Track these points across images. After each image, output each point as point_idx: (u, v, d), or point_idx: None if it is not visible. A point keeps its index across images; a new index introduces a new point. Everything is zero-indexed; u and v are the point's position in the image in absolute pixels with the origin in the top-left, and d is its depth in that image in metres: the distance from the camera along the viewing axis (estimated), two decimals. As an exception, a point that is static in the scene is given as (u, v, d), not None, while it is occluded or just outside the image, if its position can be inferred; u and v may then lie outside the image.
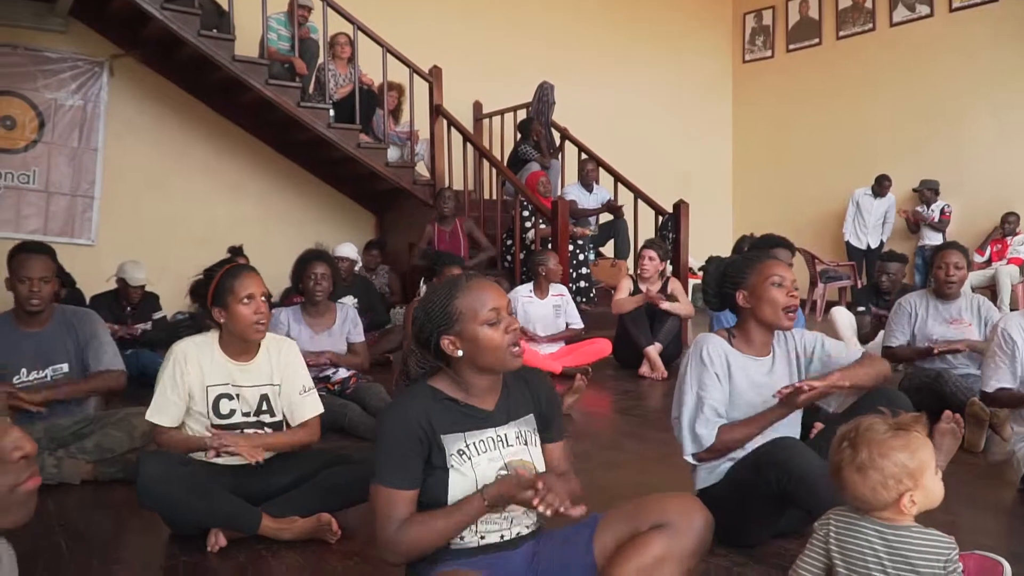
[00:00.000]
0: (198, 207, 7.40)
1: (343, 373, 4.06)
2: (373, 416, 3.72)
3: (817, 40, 10.09)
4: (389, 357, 5.65)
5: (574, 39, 9.37)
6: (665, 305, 5.39)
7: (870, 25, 9.57)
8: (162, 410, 2.41)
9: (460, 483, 1.60)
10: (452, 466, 1.59)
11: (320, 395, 2.69)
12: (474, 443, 1.63)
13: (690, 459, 2.28)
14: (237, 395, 2.48)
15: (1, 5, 6.60)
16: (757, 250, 2.42)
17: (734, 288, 2.31)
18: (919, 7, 9.11)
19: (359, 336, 4.18)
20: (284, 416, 2.57)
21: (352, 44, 6.90)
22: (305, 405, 2.58)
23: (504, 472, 1.63)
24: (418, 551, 1.59)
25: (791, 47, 10.37)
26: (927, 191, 8.64)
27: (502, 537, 1.65)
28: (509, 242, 6.98)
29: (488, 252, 6.87)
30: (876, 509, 1.48)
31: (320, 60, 6.98)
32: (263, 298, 2.46)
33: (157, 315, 5.72)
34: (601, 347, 5.47)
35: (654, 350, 5.32)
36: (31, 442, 0.93)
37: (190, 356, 2.43)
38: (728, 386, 2.25)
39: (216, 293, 2.43)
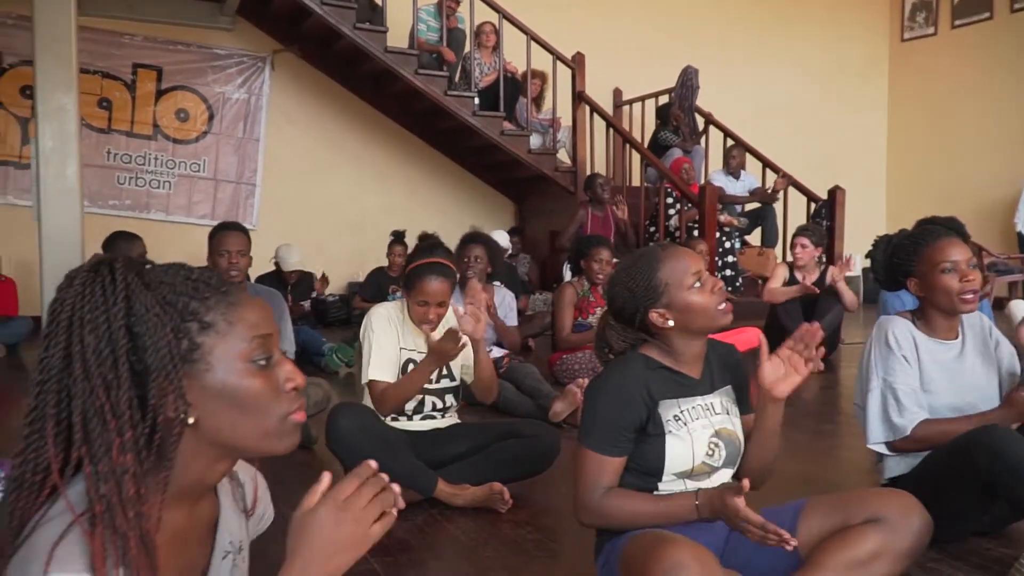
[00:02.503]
0: (350, 194, 7.73)
1: (496, 353, 4.12)
2: (527, 396, 3.76)
3: (988, 14, 9.33)
4: (530, 343, 5.69)
5: (718, 21, 9.11)
6: (841, 286, 5.15)
7: (1051, -5, 8.78)
8: (382, 367, 2.51)
9: (677, 448, 1.60)
10: (670, 431, 1.60)
11: None
12: (687, 409, 1.64)
13: (880, 448, 2.15)
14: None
15: (176, 6, 7.11)
16: (924, 229, 2.26)
17: (904, 277, 2.21)
18: (1110, -26, 8.28)
19: (513, 319, 4.26)
20: (462, 379, 2.67)
21: (497, 33, 7.00)
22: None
23: (716, 440, 1.63)
24: (613, 522, 1.60)
25: (957, 23, 9.65)
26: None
27: None
28: (652, 229, 6.88)
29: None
30: None
31: (466, 49, 7.12)
32: (439, 306, 2.51)
33: (314, 295, 6.03)
34: (751, 336, 5.21)
35: (809, 341, 5.08)
36: (301, 375, 0.97)
37: (392, 319, 2.57)
38: (918, 370, 2.13)
39: (407, 279, 2.55)
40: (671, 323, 1.61)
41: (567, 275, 5.69)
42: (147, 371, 0.87)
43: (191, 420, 0.90)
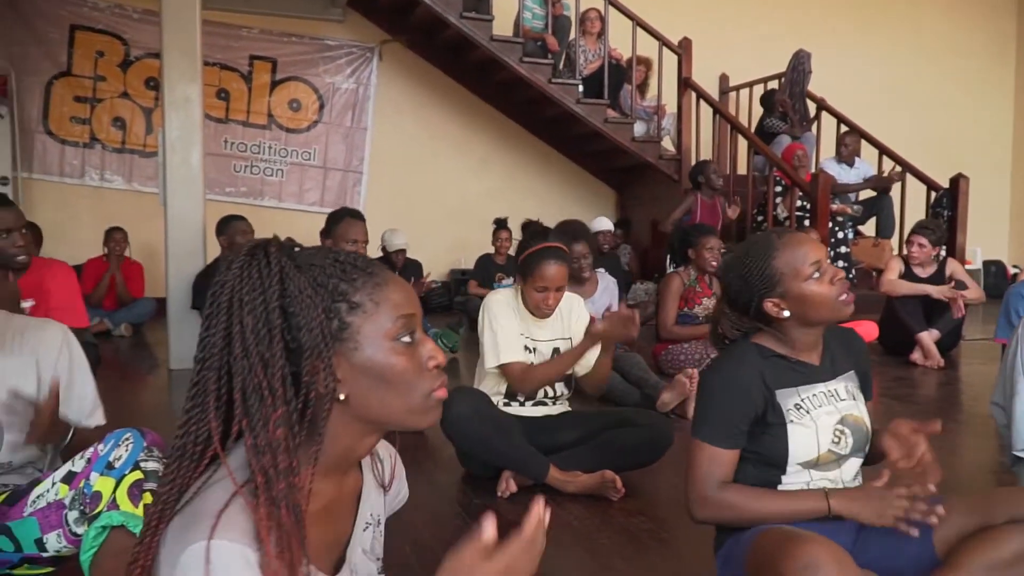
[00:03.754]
0: (451, 181, 7.82)
1: (601, 342, 4.10)
2: (634, 386, 3.72)
3: None
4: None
5: (830, 1, 8.74)
6: (960, 300, 4.87)
7: None
8: (507, 348, 2.51)
9: (802, 436, 1.55)
10: (792, 420, 1.55)
11: None
12: (807, 397, 1.58)
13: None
14: (534, 348, 2.58)
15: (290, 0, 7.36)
16: None
17: None
18: None
19: (615, 306, 4.21)
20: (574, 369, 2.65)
21: (602, 19, 6.93)
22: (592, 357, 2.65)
23: (842, 427, 1.57)
24: (731, 518, 1.55)
25: (1099, -1, 8.96)
26: None
27: None
28: (760, 218, 6.68)
29: None
30: None
31: (571, 36, 7.07)
32: (556, 290, 2.51)
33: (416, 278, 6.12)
34: (867, 330, 5.06)
35: (928, 337, 4.84)
36: (442, 354, 0.99)
37: (508, 304, 2.58)
38: None
39: (523, 264, 2.54)
40: (787, 314, 1.55)
41: (671, 267, 5.59)
42: (300, 349, 0.90)
43: (342, 396, 0.93)
